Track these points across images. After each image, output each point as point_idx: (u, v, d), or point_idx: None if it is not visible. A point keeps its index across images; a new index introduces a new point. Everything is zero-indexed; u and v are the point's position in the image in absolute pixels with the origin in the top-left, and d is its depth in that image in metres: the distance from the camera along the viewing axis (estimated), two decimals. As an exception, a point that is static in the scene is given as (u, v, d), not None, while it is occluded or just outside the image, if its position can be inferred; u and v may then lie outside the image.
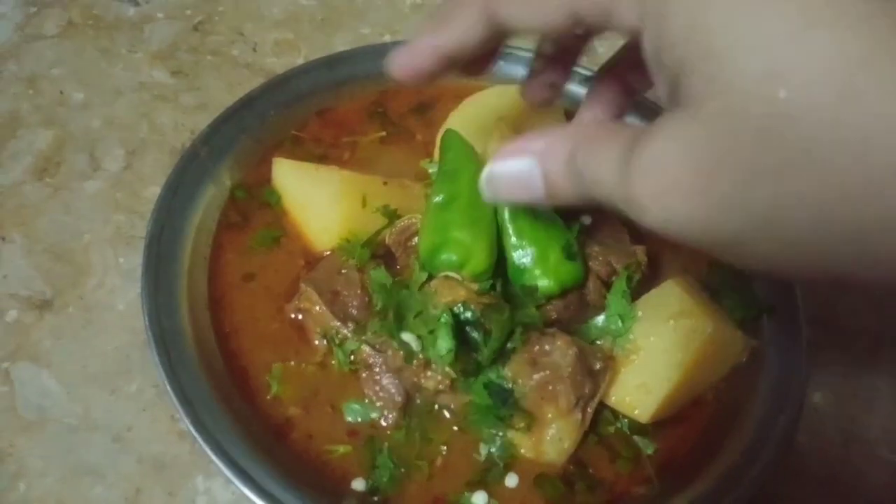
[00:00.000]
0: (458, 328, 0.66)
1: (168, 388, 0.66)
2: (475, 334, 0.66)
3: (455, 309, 0.66)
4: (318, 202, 0.79)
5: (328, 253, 0.78)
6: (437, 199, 0.71)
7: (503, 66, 0.95)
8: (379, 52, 0.94)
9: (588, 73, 0.84)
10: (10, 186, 0.86)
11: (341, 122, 0.91)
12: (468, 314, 0.66)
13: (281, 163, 0.83)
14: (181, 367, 0.68)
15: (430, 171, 0.85)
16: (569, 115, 0.85)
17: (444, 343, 0.65)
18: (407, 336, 0.67)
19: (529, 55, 0.93)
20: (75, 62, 0.98)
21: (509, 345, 0.68)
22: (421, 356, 0.67)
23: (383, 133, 0.90)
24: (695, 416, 0.74)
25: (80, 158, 0.89)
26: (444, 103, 0.92)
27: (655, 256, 0.80)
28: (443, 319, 0.65)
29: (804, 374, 0.74)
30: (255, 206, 0.82)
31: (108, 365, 0.75)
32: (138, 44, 1.00)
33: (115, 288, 0.80)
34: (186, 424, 0.65)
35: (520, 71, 0.94)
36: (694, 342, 0.71)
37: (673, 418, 0.73)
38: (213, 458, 0.63)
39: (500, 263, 0.72)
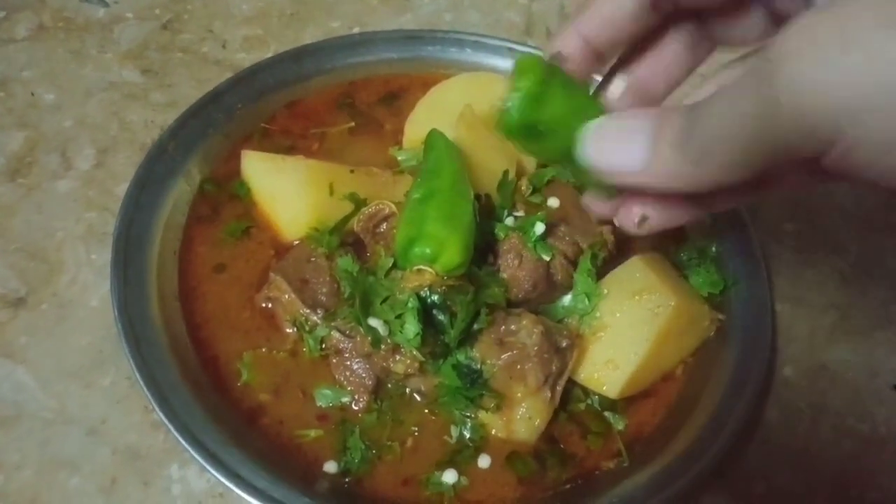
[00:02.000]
0: (425, 311, 0.67)
1: (139, 377, 0.67)
2: (441, 317, 0.67)
3: (421, 293, 0.67)
4: (286, 192, 0.80)
5: (297, 242, 0.79)
6: (417, 194, 0.71)
7: (470, 54, 0.96)
8: (346, 43, 0.96)
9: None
10: (-18, 188, 0.87)
11: (310, 113, 0.91)
12: (434, 297, 0.67)
13: (249, 155, 0.83)
14: (152, 358, 0.69)
15: (399, 158, 0.86)
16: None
17: (412, 327, 0.66)
18: (374, 321, 0.67)
19: (500, 43, 0.95)
20: (46, 64, 0.98)
21: (475, 326, 0.69)
22: (389, 341, 0.68)
23: (352, 123, 0.91)
24: (664, 391, 0.75)
25: (52, 158, 0.89)
26: (412, 92, 0.93)
27: (623, 236, 0.80)
28: (409, 304, 0.66)
29: (769, 347, 0.76)
30: (224, 198, 0.83)
31: (82, 359, 0.76)
32: (108, 44, 1.01)
33: (88, 284, 0.80)
34: (158, 414, 0.65)
35: (487, 59, 0.96)
36: (659, 317, 0.71)
37: (642, 394, 0.74)
38: (185, 445, 0.64)
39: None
